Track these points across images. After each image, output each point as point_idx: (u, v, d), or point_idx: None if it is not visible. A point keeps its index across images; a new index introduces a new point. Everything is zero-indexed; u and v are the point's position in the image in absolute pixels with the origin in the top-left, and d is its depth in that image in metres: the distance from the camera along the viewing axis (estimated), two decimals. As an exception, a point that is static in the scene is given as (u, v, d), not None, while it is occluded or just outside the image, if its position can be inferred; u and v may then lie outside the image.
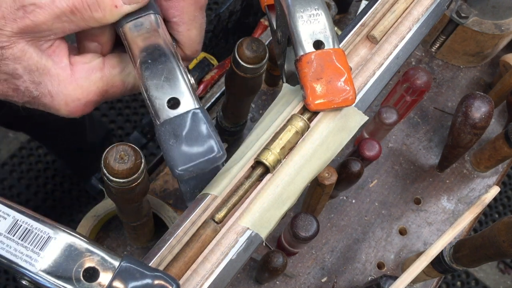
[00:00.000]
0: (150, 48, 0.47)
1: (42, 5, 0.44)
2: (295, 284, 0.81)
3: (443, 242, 0.62)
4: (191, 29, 0.52)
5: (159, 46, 0.48)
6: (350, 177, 0.71)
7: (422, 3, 0.56)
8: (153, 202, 0.76)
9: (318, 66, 0.47)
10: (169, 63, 0.47)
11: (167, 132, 0.45)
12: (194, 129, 0.45)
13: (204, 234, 0.45)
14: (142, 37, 0.48)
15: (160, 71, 0.47)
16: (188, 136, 0.45)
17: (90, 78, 0.49)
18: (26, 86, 0.47)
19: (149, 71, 0.46)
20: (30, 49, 0.45)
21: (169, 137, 0.45)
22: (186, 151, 0.45)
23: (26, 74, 0.46)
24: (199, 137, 0.45)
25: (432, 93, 0.97)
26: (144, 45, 0.48)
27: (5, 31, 0.43)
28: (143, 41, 0.48)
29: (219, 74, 0.95)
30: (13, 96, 0.48)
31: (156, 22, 0.49)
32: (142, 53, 0.47)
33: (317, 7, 0.48)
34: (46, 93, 0.48)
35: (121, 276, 0.39)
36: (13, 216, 0.40)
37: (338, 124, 0.50)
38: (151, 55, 0.47)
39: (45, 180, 1.69)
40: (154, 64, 0.47)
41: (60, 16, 0.45)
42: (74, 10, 0.44)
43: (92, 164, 1.38)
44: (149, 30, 0.48)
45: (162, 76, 0.46)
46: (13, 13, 0.43)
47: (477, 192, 0.90)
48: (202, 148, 0.45)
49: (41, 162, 1.71)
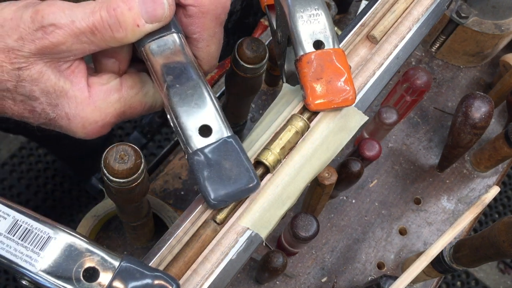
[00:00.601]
0: (176, 71, 0.46)
1: (62, 25, 0.42)
2: (295, 284, 0.81)
3: (443, 242, 0.62)
4: (210, 45, 0.50)
5: (186, 69, 0.46)
6: (350, 177, 0.71)
7: (422, 3, 0.56)
8: (153, 202, 0.76)
9: (318, 66, 0.47)
10: (198, 88, 0.45)
11: (201, 161, 0.44)
12: (228, 158, 0.44)
13: (204, 234, 0.45)
14: (166, 58, 0.46)
15: (190, 97, 0.45)
16: (223, 165, 0.44)
17: (108, 100, 0.47)
18: (43, 108, 0.46)
19: (178, 97, 0.45)
20: (48, 70, 0.44)
21: (203, 167, 0.44)
22: (222, 182, 0.44)
23: (43, 96, 0.45)
24: (234, 166, 0.44)
25: (432, 93, 0.97)
26: (169, 67, 0.46)
27: (23, 52, 0.42)
28: (168, 63, 0.46)
29: (219, 74, 0.95)
30: (29, 117, 0.47)
31: (180, 42, 0.47)
32: (168, 76, 0.45)
33: (317, 7, 0.48)
34: (63, 115, 0.47)
35: (121, 276, 0.39)
36: (13, 216, 0.40)
37: (338, 124, 0.50)
38: (179, 79, 0.45)
39: (45, 180, 1.69)
40: (183, 89, 0.45)
41: (80, 37, 0.43)
42: (94, 30, 0.43)
43: (92, 164, 1.38)
44: (173, 51, 0.46)
45: (192, 102, 0.45)
46: (31, 34, 0.42)
47: (477, 192, 0.90)
48: (238, 178, 0.44)
49: (41, 162, 1.71)
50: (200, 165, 0.44)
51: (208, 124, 0.45)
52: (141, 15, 0.44)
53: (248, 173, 0.44)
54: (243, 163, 0.44)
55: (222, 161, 0.44)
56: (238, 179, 0.44)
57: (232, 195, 0.44)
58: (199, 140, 0.44)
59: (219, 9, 0.48)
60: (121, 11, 0.43)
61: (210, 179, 0.44)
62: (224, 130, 0.45)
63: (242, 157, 0.45)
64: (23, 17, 0.42)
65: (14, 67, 0.43)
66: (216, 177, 0.44)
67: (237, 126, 0.75)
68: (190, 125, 0.44)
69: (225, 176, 0.44)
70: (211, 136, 0.45)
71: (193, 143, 0.44)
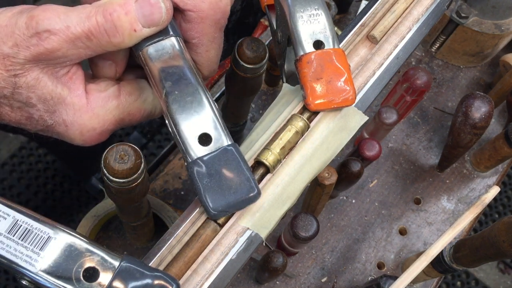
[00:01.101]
0: (174, 76, 0.45)
1: (57, 31, 0.41)
2: (295, 284, 0.81)
3: (443, 242, 0.62)
4: (209, 50, 0.49)
5: (185, 75, 0.45)
6: (350, 177, 0.71)
7: (422, 3, 0.56)
8: (153, 202, 0.76)
9: (318, 66, 0.47)
10: (198, 95, 0.44)
11: (201, 171, 0.43)
12: (228, 167, 0.43)
13: (204, 234, 0.45)
14: (164, 63, 0.45)
15: (189, 104, 0.44)
16: (223, 175, 0.43)
17: (106, 106, 0.47)
18: (40, 114, 0.45)
19: (177, 104, 0.44)
20: (45, 77, 0.44)
21: (203, 176, 0.43)
22: (222, 192, 0.43)
23: (40, 103, 0.44)
24: (234, 176, 0.43)
25: (432, 93, 0.97)
26: (167, 72, 0.45)
27: (19, 59, 0.42)
28: (166, 68, 0.45)
29: (219, 74, 0.95)
30: (26, 124, 0.46)
31: (179, 46, 0.46)
32: (167, 82, 0.44)
33: (317, 7, 0.48)
34: (61, 122, 0.46)
35: (121, 276, 0.39)
36: (13, 216, 0.40)
37: (338, 124, 0.50)
38: (177, 85, 0.44)
39: (45, 180, 1.69)
40: (182, 96, 0.44)
41: (75, 42, 0.42)
42: (90, 36, 0.42)
43: (92, 164, 1.38)
44: (171, 55, 0.45)
45: (191, 109, 0.44)
46: (26, 40, 0.41)
47: (477, 192, 0.90)
48: (238, 187, 0.43)
49: (41, 162, 1.71)
50: (199, 174, 0.43)
51: (207, 132, 0.44)
52: (138, 19, 0.43)
53: (249, 182, 0.44)
54: (244, 172, 0.44)
55: (222, 170, 0.43)
56: (238, 189, 0.43)
57: (232, 205, 0.43)
58: (199, 148, 0.44)
59: (219, 14, 0.47)
60: (118, 16, 0.42)
61: (210, 189, 0.43)
62: (224, 138, 0.44)
63: (243, 166, 0.44)
64: (18, 23, 0.42)
65: (10, 74, 0.42)
66: (216, 187, 0.43)
67: (237, 126, 0.75)
68: (190, 133, 0.44)
69: (225, 185, 0.43)
70: (211, 145, 0.44)
71: (192, 152, 0.43)
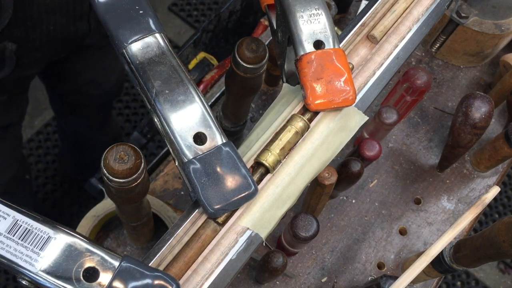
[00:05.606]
0: (163, 75, 0.44)
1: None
2: (295, 284, 0.81)
3: (443, 242, 0.62)
4: None
5: (174, 72, 0.44)
6: (350, 177, 0.71)
7: (422, 3, 0.56)
8: (153, 202, 0.76)
9: (318, 66, 0.47)
10: (190, 94, 0.44)
11: (197, 170, 0.43)
12: (225, 165, 0.43)
13: (204, 234, 0.45)
14: (150, 61, 0.44)
15: (181, 103, 0.43)
16: (220, 173, 0.43)
17: None
18: None
19: (169, 104, 0.43)
20: None
21: (200, 176, 0.43)
22: (220, 190, 0.43)
23: None
24: (231, 174, 0.43)
25: (432, 93, 0.97)
26: (155, 71, 0.44)
27: None
28: (153, 66, 0.44)
29: (219, 74, 0.95)
30: None
31: (164, 43, 0.45)
32: (156, 81, 0.44)
33: (317, 7, 0.48)
34: None
35: (121, 276, 0.39)
36: (13, 216, 0.40)
37: (338, 124, 0.50)
38: (167, 84, 0.44)
39: (45, 180, 1.69)
40: (173, 95, 0.43)
41: None
42: None
43: (92, 164, 1.38)
44: (157, 53, 0.44)
45: (184, 109, 0.43)
46: None
47: (477, 192, 0.90)
48: (237, 185, 0.43)
49: (41, 162, 1.70)
50: (197, 174, 0.43)
51: (202, 131, 0.44)
52: None
53: (246, 179, 0.44)
54: (240, 170, 0.44)
55: (219, 168, 0.43)
56: (235, 187, 0.43)
57: (230, 203, 0.44)
58: (195, 148, 0.43)
59: None
60: None
61: (207, 188, 0.43)
62: (219, 137, 0.44)
63: (239, 163, 0.44)
64: None
65: None
66: (213, 186, 0.43)
67: (237, 126, 0.75)
68: (184, 133, 0.43)
69: (222, 184, 0.43)
70: (206, 144, 0.44)
71: (188, 152, 0.43)
